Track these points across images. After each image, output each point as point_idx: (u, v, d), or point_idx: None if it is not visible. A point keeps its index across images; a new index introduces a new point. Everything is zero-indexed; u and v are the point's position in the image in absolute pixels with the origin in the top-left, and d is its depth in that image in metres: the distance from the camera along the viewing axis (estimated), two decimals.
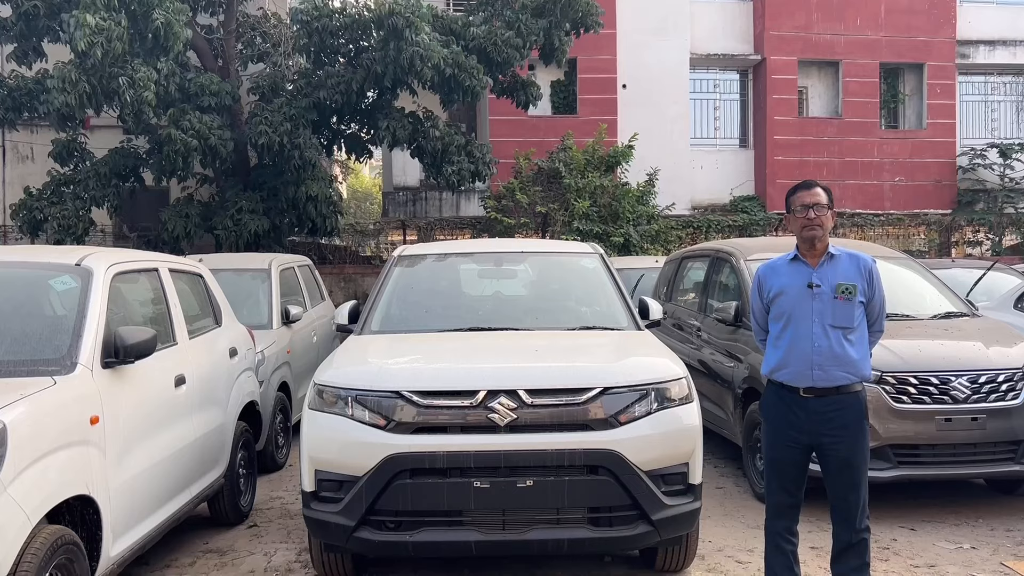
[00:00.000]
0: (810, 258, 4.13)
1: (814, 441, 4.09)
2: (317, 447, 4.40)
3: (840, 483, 4.09)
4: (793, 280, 4.14)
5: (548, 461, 4.19)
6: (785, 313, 4.14)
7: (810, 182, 4.21)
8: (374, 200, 39.07)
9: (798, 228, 4.14)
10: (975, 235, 21.13)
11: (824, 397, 4.04)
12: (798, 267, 4.16)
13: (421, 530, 4.24)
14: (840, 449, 4.05)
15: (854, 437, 4.05)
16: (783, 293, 4.16)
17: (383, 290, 5.78)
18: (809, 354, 4.03)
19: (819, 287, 4.06)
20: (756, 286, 4.35)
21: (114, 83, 11.41)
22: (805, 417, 4.07)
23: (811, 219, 4.07)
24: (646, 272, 10.89)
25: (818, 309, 4.04)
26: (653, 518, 4.29)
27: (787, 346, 4.11)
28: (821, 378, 4.02)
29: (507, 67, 14.51)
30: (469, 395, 4.26)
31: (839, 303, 4.03)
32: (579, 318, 5.67)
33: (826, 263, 4.11)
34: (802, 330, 4.06)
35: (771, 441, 4.23)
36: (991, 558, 5.19)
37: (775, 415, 4.20)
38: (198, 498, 5.25)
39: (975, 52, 21.94)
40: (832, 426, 4.04)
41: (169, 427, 4.78)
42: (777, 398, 4.18)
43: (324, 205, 14.47)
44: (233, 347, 6.00)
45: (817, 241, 4.10)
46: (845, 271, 4.08)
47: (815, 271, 4.09)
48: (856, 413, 4.06)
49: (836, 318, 4.03)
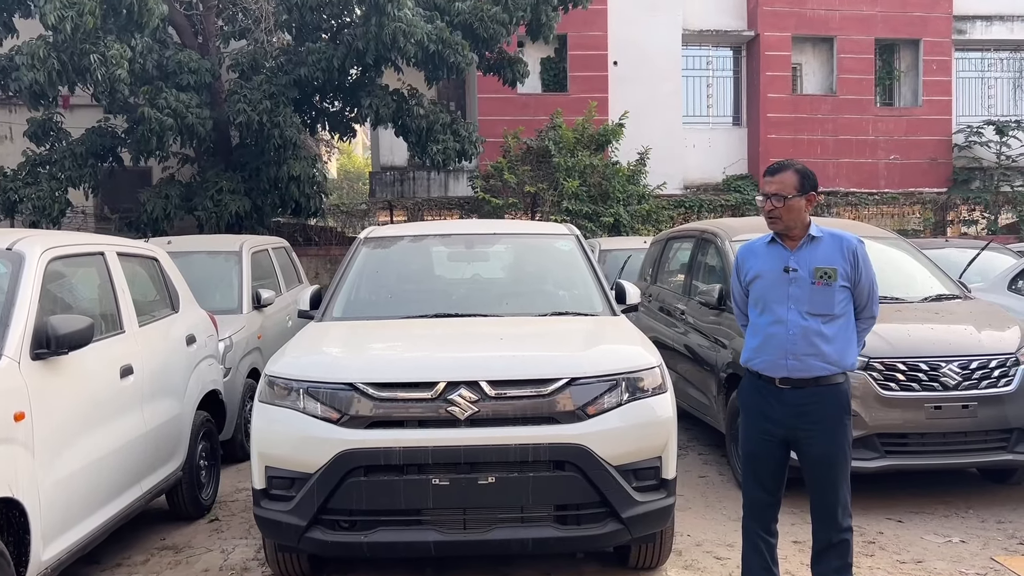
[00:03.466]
0: (788, 240, 3.85)
1: (789, 435, 3.82)
2: (267, 442, 4.15)
3: (817, 480, 3.84)
4: (769, 263, 3.87)
5: (511, 456, 3.95)
6: (761, 298, 3.87)
7: (776, 165, 3.91)
8: (366, 180, 38.69)
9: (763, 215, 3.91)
10: (971, 214, 20.90)
11: (801, 389, 3.77)
12: (775, 249, 3.88)
13: (377, 530, 4.00)
14: (816, 445, 3.78)
15: (832, 432, 3.78)
16: (759, 277, 3.89)
17: (347, 274, 5.52)
18: (784, 342, 3.76)
19: (796, 271, 3.78)
20: (735, 269, 4.10)
21: (85, 60, 11.06)
22: (780, 409, 3.81)
23: (768, 210, 3.81)
24: (634, 253, 10.63)
25: (794, 295, 3.76)
26: (623, 515, 4.05)
27: (763, 333, 3.85)
28: (796, 368, 3.75)
29: (493, 43, 14.21)
30: (427, 387, 4.00)
31: (817, 289, 3.75)
32: (552, 303, 5.40)
33: (805, 245, 3.82)
34: (777, 316, 3.79)
35: (747, 433, 3.98)
36: (981, 552, 4.96)
37: (751, 405, 3.95)
38: (151, 493, 5.00)
39: (972, 28, 21.60)
40: (808, 420, 3.77)
41: (114, 420, 4.51)
42: (753, 388, 3.93)
43: (307, 185, 14.18)
44: (191, 334, 5.73)
45: (783, 230, 3.82)
46: (826, 254, 3.79)
47: (792, 254, 3.81)
48: (835, 407, 3.79)
49: (814, 304, 3.75)
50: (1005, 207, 20.68)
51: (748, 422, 3.97)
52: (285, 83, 13.21)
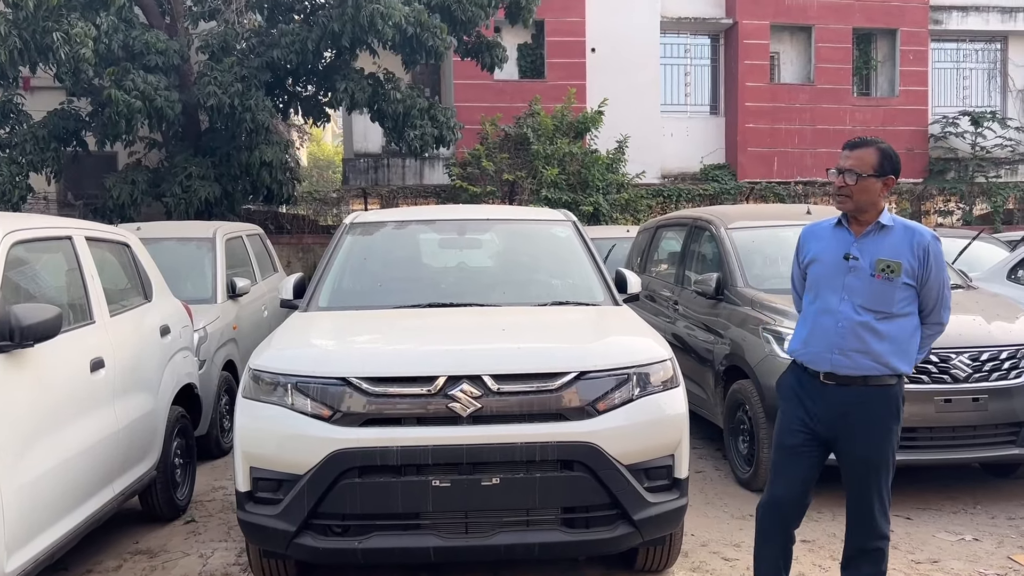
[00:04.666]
0: (854, 225, 3.53)
1: (829, 434, 3.53)
2: (252, 441, 3.85)
3: (856, 484, 3.55)
4: (830, 247, 3.57)
5: (516, 456, 3.68)
6: (815, 284, 3.60)
7: (856, 140, 3.59)
8: (336, 168, 38.10)
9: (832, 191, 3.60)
10: (946, 205, 20.89)
11: (846, 387, 3.47)
12: (840, 233, 3.58)
13: (372, 535, 3.72)
14: (858, 449, 3.50)
15: (877, 438, 3.48)
16: (817, 260, 3.61)
17: (332, 261, 5.20)
18: (831, 335, 3.48)
19: (856, 260, 3.47)
20: (797, 249, 3.80)
21: (48, 38, 10.58)
22: (823, 406, 3.52)
23: (838, 186, 3.50)
24: (618, 242, 10.39)
25: (851, 285, 3.47)
26: (635, 518, 3.80)
27: (813, 322, 3.58)
28: (842, 364, 3.46)
29: (472, 26, 13.84)
30: (426, 381, 3.72)
31: (876, 282, 3.43)
32: (551, 292, 5.13)
33: (873, 234, 3.49)
34: (829, 306, 3.51)
35: (783, 424, 3.66)
36: (996, 551, 4.78)
37: (790, 395, 3.64)
38: (124, 494, 4.67)
39: (948, 18, 21.56)
40: (851, 422, 3.48)
41: (84, 417, 4.17)
42: (795, 380, 3.64)
43: (279, 171, 13.74)
44: (165, 324, 5.39)
45: (851, 213, 3.51)
46: (893, 246, 3.45)
47: (856, 241, 3.50)
48: (883, 410, 3.47)
49: (870, 299, 3.44)
50: (980, 197, 20.71)
51: (785, 412, 3.66)
52: (257, 66, 12.77)
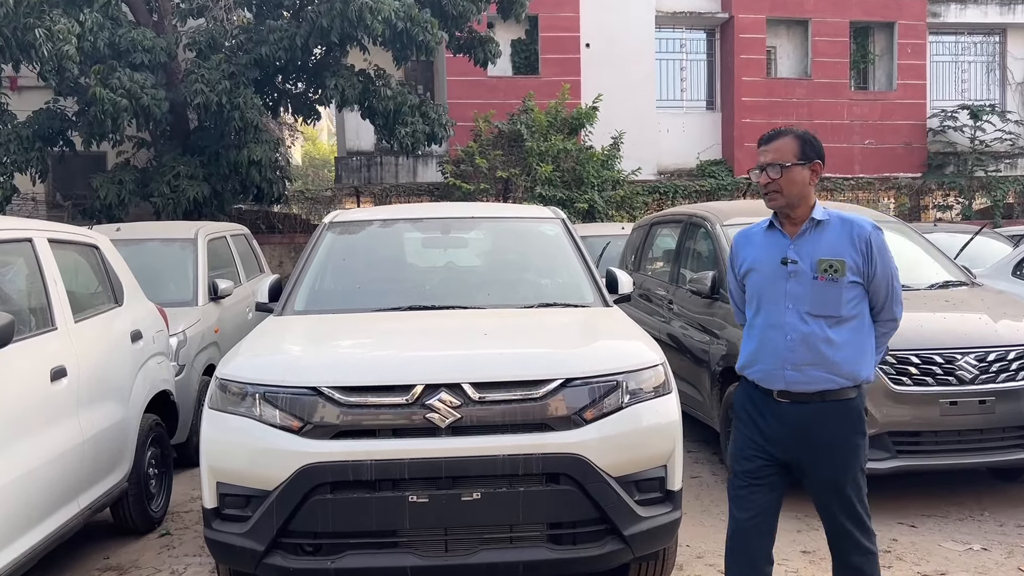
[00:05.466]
0: (788, 225, 3.23)
1: (788, 456, 3.21)
2: (218, 455, 3.63)
3: (827, 507, 3.25)
4: (766, 253, 3.26)
5: (499, 469, 3.46)
6: (755, 295, 3.28)
7: (772, 132, 3.26)
8: (331, 167, 37.86)
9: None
10: (945, 199, 20.69)
11: (804, 404, 3.16)
12: (773, 237, 3.26)
13: (346, 554, 3.49)
14: (823, 472, 3.18)
15: (844, 457, 3.15)
16: (754, 269, 3.30)
17: (309, 263, 4.97)
18: (781, 349, 3.16)
19: (795, 263, 3.16)
20: (730, 259, 3.50)
21: (29, 35, 10.36)
22: (779, 428, 3.20)
23: (764, 184, 3.18)
24: (612, 239, 10.18)
25: (793, 292, 3.15)
26: (625, 533, 3.57)
27: (758, 337, 3.26)
28: (796, 380, 3.14)
29: (463, 21, 13.65)
30: (402, 391, 3.50)
31: (820, 284, 3.12)
32: (538, 294, 4.91)
33: (808, 232, 3.18)
34: (774, 318, 3.19)
35: (738, 448, 3.35)
36: (1006, 562, 4.56)
37: (746, 418, 3.33)
38: (91, 508, 4.44)
39: (946, 11, 21.37)
40: (812, 443, 3.16)
41: (43, 429, 3.95)
42: (748, 399, 3.32)
43: (269, 170, 13.52)
44: (137, 330, 5.17)
45: (785, 210, 3.20)
46: (832, 242, 3.15)
47: (792, 242, 3.19)
48: (845, 428, 3.16)
49: (816, 304, 3.13)
50: (979, 192, 20.51)
51: (741, 435, 3.35)
52: (245, 63, 12.55)
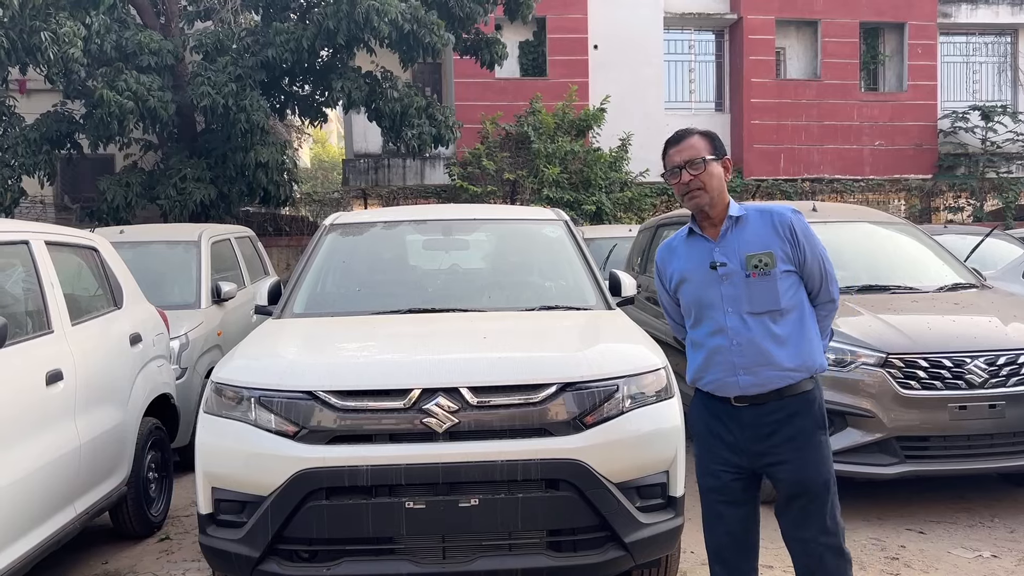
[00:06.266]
0: (708, 229, 3.16)
1: (755, 463, 3.14)
2: (214, 460, 3.58)
3: (791, 517, 3.15)
4: (693, 261, 3.19)
5: (497, 475, 3.40)
6: (693, 304, 3.20)
7: (680, 133, 3.18)
8: (340, 170, 37.90)
9: (679, 197, 3.18)
10: (956, 201, 20.53)
11: (762, 405, 3.09)
12: (696, 243, 3.19)
13: (342, 561, 3.44)
14: (787, 471, 3.09)
15: (804, 454, 3.08)
16: (685, 280, 3.22)
17: (310, 265, 4.93)
18: (728, 355, 3.09)
19: (725, 265, 3.09)
20: (657, 275, 3.40)
21: (35, 38, 10.37)
22: (740, 433, 3.13)
23: (687, 182, 3.09)
24: (619, 241, 10.13)
25: (729, 294, 3.08)
26: (626, 540, 3.50)
27: (702, 347, 3.18)
28: (750, 384, 3.07)
29: (470, 23, 13.63)
30: (399, 395, 3.45)
31: (754, 282, 3.06)
32: (540, 296, 4.85)
33: (729, 231, 3.12)
34: (715, 324, 3.12)
35: (703, 465, 3.26)
36: (1017, 569, 4.48)
37: (704, 431, 3.25)
38: (88, 513, 4.40)
39: (957, 11, 21.23)
40: (774, 441, 3.09)
41: (39, 434, 3.91)
42: (705, 410, 3.24)
43: (276, 172, 13.55)
44: (136, 333, 5.13)
45: (708, 208, 3.12)
46: (756, 235, 3.10)
47: (717, 245, 3.13)
48: (807, 422, 3.09)
49: (754, 302, 3.06)
50: (991, 193, 20.34)
51: (704, 451, 3.27)
52: (252, 65, 12.57)
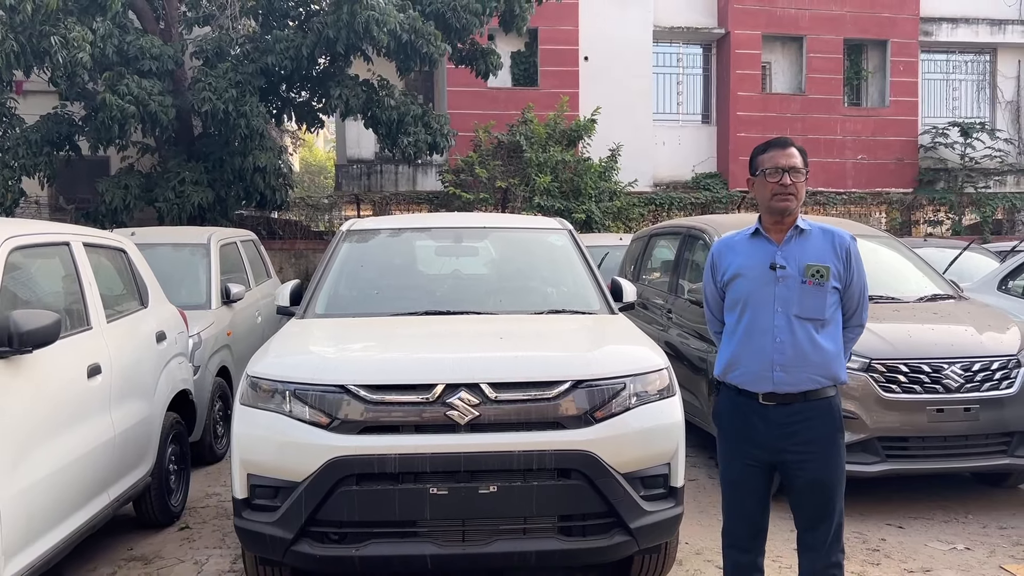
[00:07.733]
0: (775, 233, 3.40)
1: (775, 458, 3.39)
2: (250, 448, 3.85)
3: (808, 509, 3.40)
4: (753, 259, 3.41)
5: (514, 464, 3.69)
6: (741, 300, 3.41)
7: (785, 139, 3.45)
8: (328, 174, 38.03)
9: (767, 196, 3.37)
10: (936, 215, 21.02)
11: (788, 405, 3.33)
12: (759, 244, 3.43)
13: (369, 543, 3.72)
14: (808, 469, 3.34)
15: (825, 454, 3.34)
16: (740, 275, 3.44)
17: (329, 268, 5.21)
18: (769, 351, 3.32)
19: (784, 268, 3.33)
20: (709, 267, 3.62)
21: (45, 42, 10.58)
22: (765, 429, 3.36)
23: (785, 185, 3.32)
24: (611, 250, 10.43)
25: (782, 296, 3.32)
26: (631, 526, 3.81)
27: (742, 340, 3.41)
28: (783, 381, 3.31)
29: (466, 34, 13.90)
30: (425, 389, 3.73)
31: (808, 289, 3.30)
32: (547, 301, 5.16)
33: (794, 240, 3.37)
34: (762, 321, 3.35)
35: (728, 461, 3.52)
36: (988, 560, 4.82)
37: (730, 426, 3.49)
38: (119, 501, 4.66)
39: (938, 30, 21.75)
40: (797, 440, 3.33)
41: (81, 424, 4.18)
42: (732, 406, 3.47)
43: (273, 177, 13.77)
44: (161, 331, 5.39)
45: (787, 214, 3.38)
46: (817, 250, 3.35)
47: (780, 249, 3.36)
48: (828, 424, 3.36)
49: (804, 307, 3.31)
50: (969, 208, 20.86)
51: (729, 447, 3.51)
52: (251, 71, 12.78)
